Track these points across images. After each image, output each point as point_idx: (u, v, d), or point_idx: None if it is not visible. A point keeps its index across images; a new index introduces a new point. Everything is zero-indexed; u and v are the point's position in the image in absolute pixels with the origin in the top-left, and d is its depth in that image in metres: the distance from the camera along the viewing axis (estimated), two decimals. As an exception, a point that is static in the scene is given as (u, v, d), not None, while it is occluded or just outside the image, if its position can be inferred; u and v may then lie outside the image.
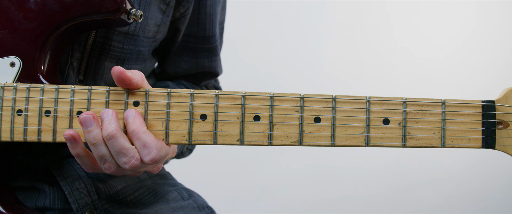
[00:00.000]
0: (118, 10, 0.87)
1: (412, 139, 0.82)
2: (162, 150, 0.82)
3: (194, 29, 1.19)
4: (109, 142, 0.81)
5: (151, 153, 0.81)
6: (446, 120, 0.82)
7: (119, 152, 0.82)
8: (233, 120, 0.83)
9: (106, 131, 0.81)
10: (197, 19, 1.18)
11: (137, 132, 0.81)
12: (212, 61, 1.25)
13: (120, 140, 0.81)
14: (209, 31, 1.20)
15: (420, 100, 0.82)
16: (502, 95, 0.82)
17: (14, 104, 0.87)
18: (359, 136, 0.82)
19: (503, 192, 2.97)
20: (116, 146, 0.81)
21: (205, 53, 1.22)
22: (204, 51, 1.22)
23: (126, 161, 0.82)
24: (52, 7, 0.88)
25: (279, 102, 0.83)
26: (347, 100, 0.83)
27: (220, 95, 0.84)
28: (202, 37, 1.20)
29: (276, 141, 0.83)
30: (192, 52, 1.22)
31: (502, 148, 0.82)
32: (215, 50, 1.25)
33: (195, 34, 1.20)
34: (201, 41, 1.21)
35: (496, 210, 2.93)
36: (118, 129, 0.81)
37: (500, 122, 0.82)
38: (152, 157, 0.81)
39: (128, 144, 0.81)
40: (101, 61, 1.03)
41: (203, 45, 1.21)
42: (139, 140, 0.81)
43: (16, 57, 0.89)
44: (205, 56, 1.23)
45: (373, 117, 0.82)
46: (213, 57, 1.25)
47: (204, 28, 1.19)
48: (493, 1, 2.99)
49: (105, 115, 0.83)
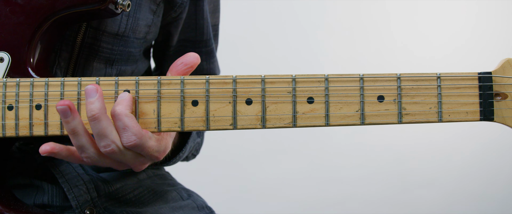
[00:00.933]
0: (105, 0, 0.86)
1: (408, 114, 0.80)
2: (143, 138, 0.80)
3: (191, 34, 1.19)
4: (92, 123, 0.79)
5: (130, 137, 0.79)
6: (442, 94, 0.80)
7: (100, 134, 0.79)
8: (225, 105, 0.82)
9: (90, 111, 0.78)
10: (195, 24, 1.17)
11: (119, 113, 0.79)
12: (210, 63, 1.25)
13: (103, 123, 0.79)
14: (206, 35, 1.20)
15: (415, 75, 0.81)
16: (499, 66, 0.80)
17: (4, 99, 0.86)
18: (354, 115, 0.81)
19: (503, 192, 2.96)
20: (98, 127, 0.79)
21: (204, 57, 1.22)
22: (202, 54, 1.21)
23: (105, 145, 0.80)
24: (38, 1, 0.87)
25: (271, 84, 0.82)
26: (340, 79, 0.81)
27: (211, 80, 0.82)
28: (200, 41, 1.20)
29: (270, 123, 0.81)
30: None
31: (501, 119, 0.80)
32: (212, 52, 1.25)
33: (193, 39, 1.19)
34: (198, 45, 1.20)
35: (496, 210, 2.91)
36: (102, 110, 0.79)
37: (498, 93, 0.80)
38: (130, 141, 0.79)
39: (110, 130, 0.79)
40: (89, 61, 1.01)
41: (201, 49, 1.21)
42: (121, 121, 0.79)
43: (4, 53, 0.89)
44: (203, 59, 1.22)
45: (367, 94, 0.81)
46: (211, 59, 1.25)
47: (202, 32, 1.19)
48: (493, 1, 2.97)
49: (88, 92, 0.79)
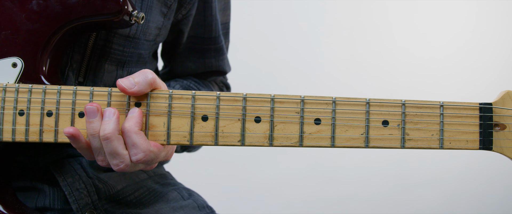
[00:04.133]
0: (120, 12, 0.88)
1: (411, 140, 0.83)
2: (150, 154, 0.83)
3: (200, 31, 1.20)
4: (104, 142, 0.82)
5: (138, 154, 0.82)
6: (444, 122, 0.83)
7: (111, 154, 0.83)
8: (234, 121, 0.84)
9: (103, 130, 0.82)
10: (203, 21, 1.19)
11: (128, 130, 0.82)
12: (219, 60, 1.26)
13: (114, 143, 0.82)
14: (215, 32, 1.21)
15: (419, 103, 0.84)
16: (499, 98, 0.84)
17: (16, 105, 0.87)
18: (359, 137, 0.83)
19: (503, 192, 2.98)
20: (109, 147, 0.82)
21: (212, 53, 1.23)
22: (211, 51, 1.23)
23: (116, 164, 0.83)
24: (54, 9, 0.89)
25: (280, 104, 0.84)
26: (347, 102, 0.84)
27: (222, 97, 0.84)
28: (209, 38, 1.21)
29: (277, 142, 0.84)
30: (199, 53, 1.23)
31: (499, 149, 0.83)
32: (222, 50, 1.26)
33: (201, 36, 1.21)
34: (207, 42, 1.22)
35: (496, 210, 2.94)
36: (115, 132, 0.82)
37: (497, 124, 0.83)
38: (138, 158, 0.83)
39: (121, 150, 0.82)
40: (101, 63, 1.03)
41: (210, 46, 1.22)
42: (129, 138, 0.82)
43: (18, 58, 0.90)
44: (212, 56, 1.24)
45: (372, 118, 0.83)
46: (220, 57, 1.26)
47: (210, 29, 1.20)
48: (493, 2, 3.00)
49: (107, 113, 0.83)
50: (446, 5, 2.97)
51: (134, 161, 0.83)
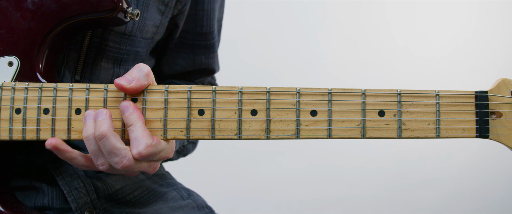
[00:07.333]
0: (115, 9, 0.88)
1: (407, 130, 0.83)
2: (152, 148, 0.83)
3: (191, 26, 1.20)
4: (100, 142, 0.82)
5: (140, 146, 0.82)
6: (441, 111, 0.83)
7: (110, 152, 0.83)
8: (231, 115, 0.84)
9: (98, 130, 0.82)
10: (195, 16, 1.19)
11: (133, 123, 0.83)
12: (209, 58, 1.25)
13: (111, 139, 0.82)
14: (206, 28, 1.21)
15: (415, 92, 0.84)
16: (494, 86, 0.84)
17: (12, 104, 0.87)
18: (355, 128, 0.84)
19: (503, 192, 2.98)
20: (107, 145, 0.82)
21: (202, 50, 1.23)
22: (201, 47, 1.23)
23: (118, 161, 0.83)
24: (49, 7, 0.89)
25: (276, 96, 0.84)
26: (343, 93, 0.84)
27: (218, 90, 0.85)
28: (200, 33, 1.21)
29: (274, 135, 0.84)
30: (189, 48, 1.23)
31: (495, 137, 0.83)
32: (213, 47, 1.25)
33: (192, 31, 1.21)
34: (198, 37, 1.22)
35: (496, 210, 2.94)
36: (109, 129, 0.82)
37: (493, 112, 0.84)
38: (139, 151, 0.82)
39: (119, 144, 0.83)
40: (97, 61, 1.03)
41: (200, 42, 1.22)
42: (133, 132, 0.83)
43: (14, 57, 0.90)
44: (202, 53, 1.24)
45: (368, 109, 0.83)
46: (210, 54, 1.25)
47: (201, 24, 1.20)
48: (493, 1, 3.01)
49: (99, 114, 0.84)
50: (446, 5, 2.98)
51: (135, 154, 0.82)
